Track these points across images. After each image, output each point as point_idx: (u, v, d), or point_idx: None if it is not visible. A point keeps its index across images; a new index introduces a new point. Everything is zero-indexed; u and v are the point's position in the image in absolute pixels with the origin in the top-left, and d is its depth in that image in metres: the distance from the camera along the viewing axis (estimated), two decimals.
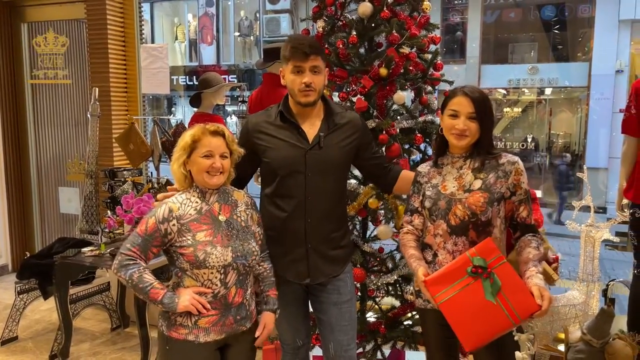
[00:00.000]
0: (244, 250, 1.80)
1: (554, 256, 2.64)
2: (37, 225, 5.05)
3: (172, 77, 14.98)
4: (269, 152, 1.98)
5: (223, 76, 9.56)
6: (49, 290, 3.36)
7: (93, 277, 3.68)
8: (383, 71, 2.40)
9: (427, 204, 1.88)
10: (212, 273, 1.74)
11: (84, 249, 3.17)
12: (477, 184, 1.82)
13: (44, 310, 3.93)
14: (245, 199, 1.91)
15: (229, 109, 14.63)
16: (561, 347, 2.83)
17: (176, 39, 16.99)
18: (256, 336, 1.90)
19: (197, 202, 1.79)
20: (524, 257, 1.78)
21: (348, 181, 2.60)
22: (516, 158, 1.83)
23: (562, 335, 2.84)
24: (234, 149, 1.83)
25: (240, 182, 2.05)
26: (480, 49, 14.13)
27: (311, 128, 1.98)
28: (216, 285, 1.76)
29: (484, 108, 1.80)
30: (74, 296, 3.39)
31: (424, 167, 1.98)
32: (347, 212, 2.16)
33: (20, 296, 3.43)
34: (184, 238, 1.74)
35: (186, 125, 3.79)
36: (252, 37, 16.38)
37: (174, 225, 1.73)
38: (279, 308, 2.01)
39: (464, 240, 1.80)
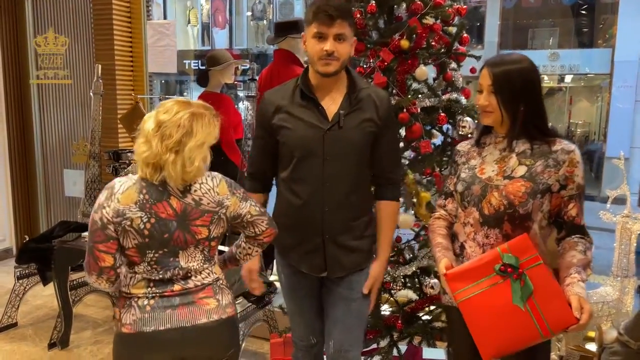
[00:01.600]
0: None
1: None
2: (42, 209, 4.93)
3: (184, 61, 14.81)
4: (284, 132, 1.78)
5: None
6: (48, 275, 3.22)
7: None
8: (404, 43, 2.19)
9: (460, 187, 1.66)
10: None
11: (84, 234, 3.02)
12: (521, 170, 1.58)
13: (46, 296, 3.81)
14: None
15: (241, 93, 14.46)
16: (591, 347, 2.64)
17: (189, 22, 16.78)
18: None
19: None
20: (566, 261, 1.55)
21: None
22: (573, 146, 1.57)
23: (593, 334, 2.65)
24: None
25: (264, 174, 1.91)
26: (499, 35, 13.76)
27: (332, 104, 1.77)
28: None
29: (507, 83, 1.55)
30: (74, 282, 3.26)
31: (463, 145, 1.76)
32: (371, 199, 1.93)
33: (20, 281, 3.30)
34: None
35: None
36: (265, 21, 16.13)
37: None
38: (292, 301, 1.88)
39: (496, 233, 1.59)
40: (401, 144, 2.40)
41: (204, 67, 3.50)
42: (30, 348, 3.13)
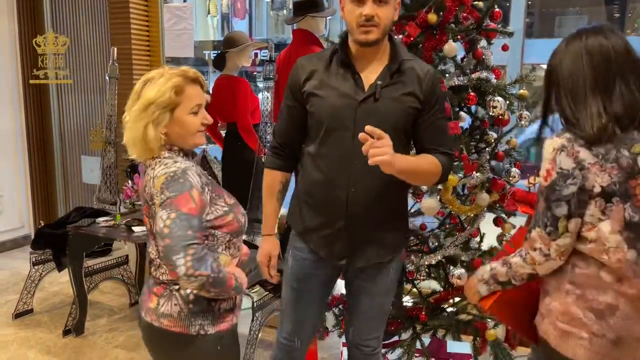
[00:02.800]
0: None
1: None
2: (60, 195, 4.91)
3: (204, 51, 14.77)
4: (314, 100, 1.63)
5: (255, 51, 9.25)
6: (63, 261, 3.17)
7: (110, 249, 3.49)
8: (432, 17, 2.05)
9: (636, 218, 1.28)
10: (241, 237, 1.50)
11: (99, 219, 2.96)
12: None
13: (63, 283, 3.77)
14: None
15: (260, 84, 14.39)
16: None
17: (208, 13, 16.75)
18: None
19: (192, 164, 1.44)
20: None
21: None
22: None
23: None
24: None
25: (289, 148, 1.75)
26: (524, 23, 13.42)
27: (370, 74, 1.61)
28: (239, 250, 1.51)
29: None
30: (89, 269, 3.20)
31: (585, 154, 1.31)
32: (406, 188, 1.78)
33: (36, 267, 3.26)
34: (218, 206, 1.41)
35: (210, 90, 3.52)
36: (285, 11, 16.00)
37: (207, 192, 1.38)
38: (294, 291, 1.78)
39: None
40: None
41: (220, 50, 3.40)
42: (45, 335, 3.09)
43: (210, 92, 3.42)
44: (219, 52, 3.33)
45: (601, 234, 1.26)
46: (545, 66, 1.44)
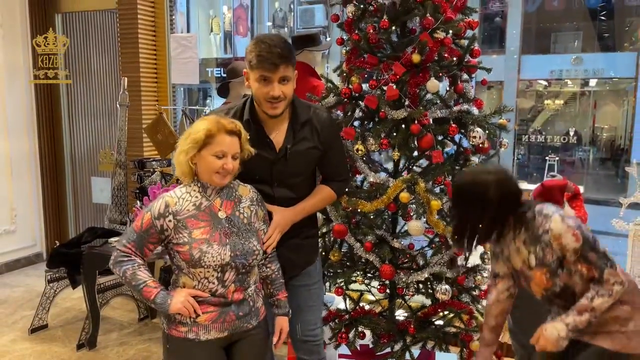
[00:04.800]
0: (244, 249, 1.70)
1: None
2: (70, 215, 5.13)
3: (207, 69, 15.05)
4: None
5: None
6: (77, 279, 3.37)
7: None
8: (416, 57, 2.26)
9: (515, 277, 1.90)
10: (208, 272, 1.66)
11: (111, 239, 3.16)
12: (532, 260, 1.74)
13: (74, 299, 3.97)
14: (251, 194, 1.81)
15: None
16: None
17: (211, 31, 17.07)
18: (274, 343, 1.85)
19: (197, 197, 1.70)
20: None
21: (378, 174, 2.49)
22: (547, 224, 1.68)
23: None
24: (247, 148, 1.73)
25: None
26: (521, 39, 13.65)
27: (278, 134, 1.90)
28: (213, 283, 1.68)
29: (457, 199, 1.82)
30: (102, 285, 3.40)
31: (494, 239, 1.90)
32: (314, 214, 2.17)
33: (51, 284, 3.46)
34: (180, 235, 1.65)
35: None
36: (286, 29, 16.30)
37: (170, 221, 1.65)
38: None
39: (556, 308, 1.80)
40: (415, 153, 2.49)
41: (225, 79, 3.62)
42: (60, 349, 3.28)
43: None
44: (223, 82, 3.55)
45: None
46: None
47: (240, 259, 1.68)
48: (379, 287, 2.61)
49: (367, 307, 2.73)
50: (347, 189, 2.34)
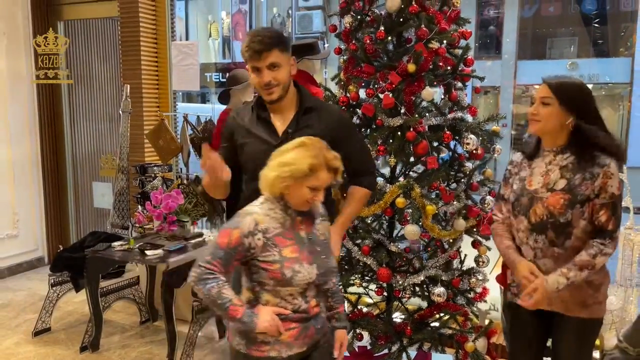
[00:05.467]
0: (327, 267, 1.70)
1: None
2: (72, 219, 5.18)
3: (205, 74, 15.12)
4: (243, 147, 2.00)
5: None
6: (80, 283, 3.43)
7: (123, 271, 3.74)
8: (411, 67, 2.34)
9: (511, 197, 1.90)
10: (294, 289, 1.64)
11: (114, 244, 3.22)
12: (561, 183, 1.78)
13: (77, 302, 4.02)
14: (320, 209, 1.78)
15: None
16: (596, 354, 2.73)
17: (210, 36, 17.17)
18: (335, 356, 1.80)
19: (280, 214, 1.65)
20: (573, 259, 1.76)
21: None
22: (608, 160, 1.74)
23: (598, 342, 2.74)
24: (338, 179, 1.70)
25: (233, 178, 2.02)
26: (517, 44, 13.76)
27: (283, 123, 1.96)
28: (297, 300, 1.65)
29: (565, 92, 1.76)
30: (104, 289, 3.45)
31: (517, 156, 1.97)
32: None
33: (54, 288, 3.52)
34: (269, 253, 1.60)
35: (214, 122, 3.81)
36: (284, 34, 16.38)
37: (259, 239, 1.59)
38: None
39: (543, 238, 1.80)
40: (411, 159, 2.56)
41: (225, 86, 3.69)
42: (63, 351, 3.34)
43: (215, 122, 3.72)
44: (224, 89, 3.62)
45: None
46: (537, 87, 1.87)
47: (324, 277, 1.69)
48: (376, 289, 2.69)
49: (365, 309, 2.80)
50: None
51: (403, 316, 2.78)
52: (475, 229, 2.62)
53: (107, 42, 4.76)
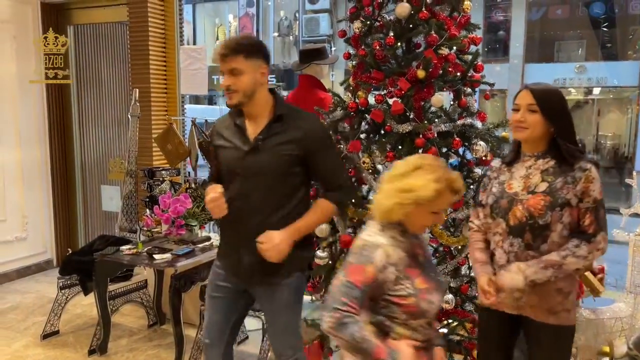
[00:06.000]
0: (444, 288, 1.68)
1: (599, 267, 2.52)
2: (80, 222, 5.21)
3: (213, 76, 15.19)
4: (217, 152, 2.04)
5: None
6: (89, 286, 3.44)
7: (131, 275, 3.76)
8: (420, 73, 2.34)
9: (490, 200, 1.90)
10: (426, 320, 1.57)
11: (123, 247, 3.23)
12: (543, 186, 1.78)
13: (85, 305, 4.04)
14: None
15: None
16: None
17: (217, 39, 17.26)
18: None
19: (402, 242, 1.55)
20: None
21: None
22: (589, 165, 1.75)
23: (607, 349, 2.72)
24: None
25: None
26: (525, 48, 13.73)
27: (255, 128, 1.95)
28: (427, 329, 1.58)
29: (548, 101, 1.78)
30: (112, 292, 3.47)
31: (496, 162, 1.99)
32: (296, 212, 1.99)
33: (62, 291, 3.53)
34: (402, 286, 1.51)
35: None
36: (291, 37, 16.46)
37: (391, 273, 1.50)
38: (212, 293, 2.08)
39: (519, 241, 1.80)
40: None
41: None
42: (72, 354, 3.35)
43: None
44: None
45: None
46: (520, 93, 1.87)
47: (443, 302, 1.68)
48: None
49: None
50: (352, 198, 2.38)
51: None
52: None
53: (116, 47, 4.79)
